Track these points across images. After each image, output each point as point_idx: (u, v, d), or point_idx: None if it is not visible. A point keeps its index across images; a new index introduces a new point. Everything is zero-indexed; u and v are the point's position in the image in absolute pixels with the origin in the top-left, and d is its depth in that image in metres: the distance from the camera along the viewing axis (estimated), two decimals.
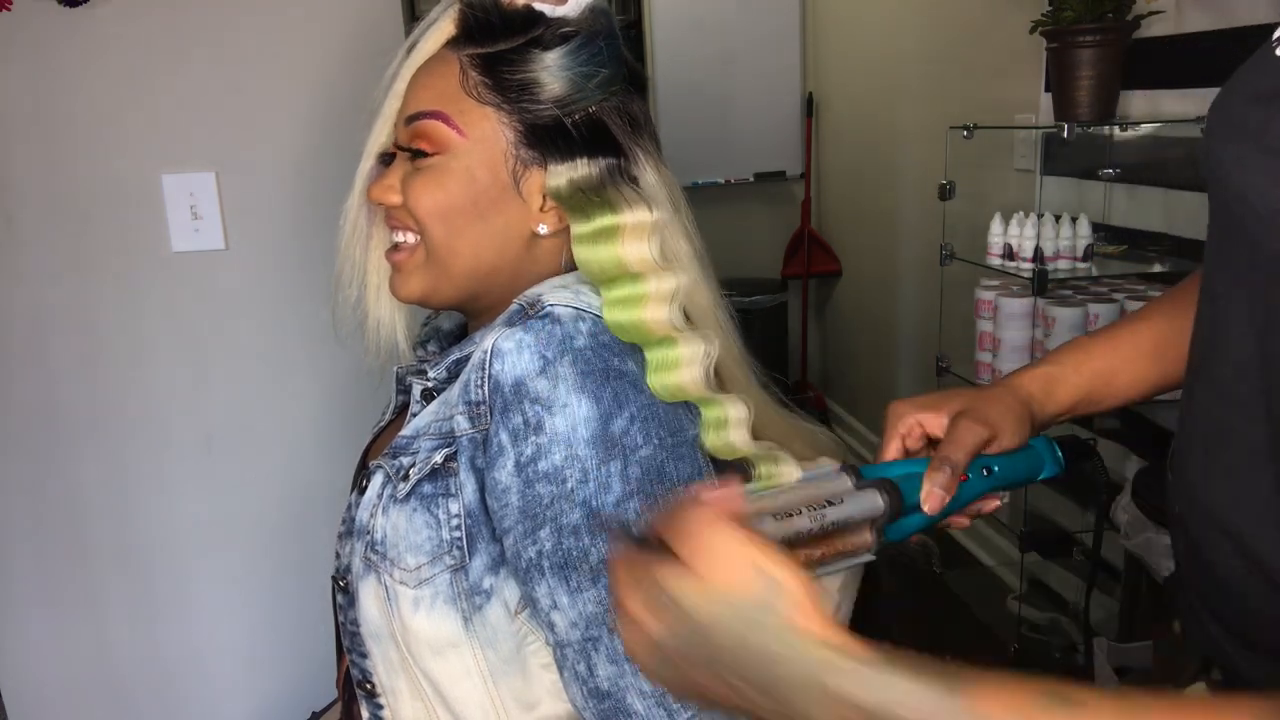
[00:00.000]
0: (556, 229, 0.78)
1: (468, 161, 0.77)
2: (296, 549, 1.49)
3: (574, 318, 0.72)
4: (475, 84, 0.76)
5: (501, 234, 0.78)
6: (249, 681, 1.53)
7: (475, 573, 0.74)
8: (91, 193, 1.32)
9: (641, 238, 0.77)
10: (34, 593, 1.42)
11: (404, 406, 0.89)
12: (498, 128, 0.76)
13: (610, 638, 0.69)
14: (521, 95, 0.76)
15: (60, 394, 1.37)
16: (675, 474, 0.71)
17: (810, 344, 3.76)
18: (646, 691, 0.68)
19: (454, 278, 0.79)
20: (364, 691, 0.84)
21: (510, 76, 0.76)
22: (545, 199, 0.77)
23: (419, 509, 0.75)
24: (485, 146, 0.77)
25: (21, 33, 1.25)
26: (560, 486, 0.68)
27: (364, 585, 0.78)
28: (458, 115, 0.76)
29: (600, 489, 0.68)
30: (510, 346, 0.70)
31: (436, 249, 0.78)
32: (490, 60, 0.76)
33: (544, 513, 0.69)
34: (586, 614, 0.69)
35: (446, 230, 0.77)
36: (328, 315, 0.88)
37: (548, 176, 0.77)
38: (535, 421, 0.69)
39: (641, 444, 0.70)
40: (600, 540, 0.68)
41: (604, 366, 0.70)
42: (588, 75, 0.76)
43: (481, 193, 0.77)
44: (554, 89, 0.76)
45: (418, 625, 0.75)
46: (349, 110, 1.38)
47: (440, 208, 0.77)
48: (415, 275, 0.80)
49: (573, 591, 0.69)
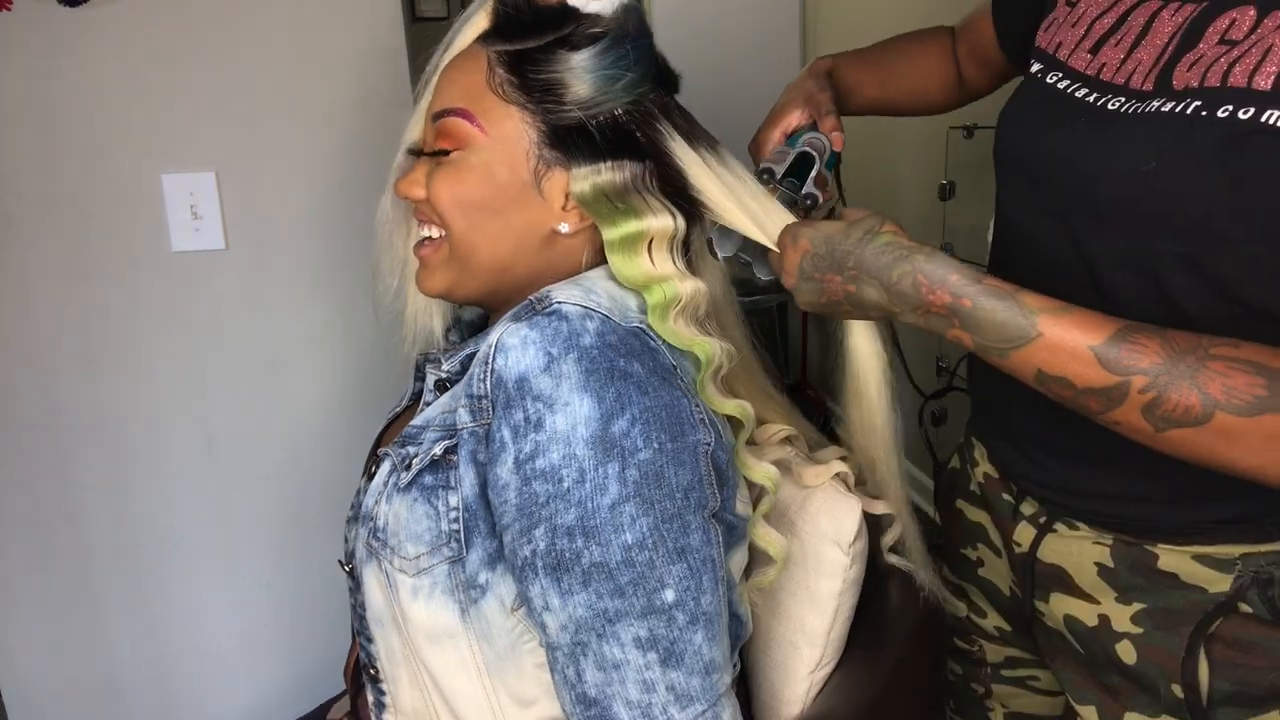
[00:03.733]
0: (578, 228, 0.79)
1: (488, 158, 0.77)
2: (296, 549, 1.49)
3: (582, 316, 0.72)
4: (501, 81, 0.76)
5: (521, 231, 0.78)
6: (249, 681, 1.53)
7: (471, 566, 0.73)
8: (91, 193, 1.32)
9: (664, 245, 0.77)
10: (34, 593, 1.42)
11: (420, 394, 0.89)
12: (520, 127, 0.76)
13: (599, 643, 0.68)
14: (546, 96, 0.76)
15: (60, 394, 1.37)
16: (674, 479, 0.70)
17: (810, 344, 3.76)
18: (633, 700, 0.68)
19: (475, 272, 0.79)
20: (369, 676, 0.85)
21: (536, 76, 0.76)
22: (568, 199, 0.78)
23: (419, 499, 0.75)
24: (507, 145, 0.77)
25: (21, 33, 1.25)
26: (556, 485, 0.68)
27: (367, 571, 0.79)
28: (481, 113, 0.76)
29: (596, 490, 0.68)
30: (515, 342, 0.70)
31: (458, 243, 0.79)
32: (517, 58, 0.76)
33: (539, 511, 0.68)
34: (576, 618, 0.68)
35: (467, 224, 0.78)
36: (333, 318, 0.88)
37: (571, 180, 0.77)
38: (536, 419, 0.68)
39: (641, 447, 0.69)
40: (594, 543, 0.68)
41: (609, 366, 0.70)
42: (613, 78, 0.76)
43: (500, 189, 0.77)
44: (578, 91, 0.75)
45: (416, 613, 0.75)
46: (350, 110, 1.38)
47: (459, 201, 0.77)
48: (439, 270, 0.81)
49: (564, 594, 0.68)
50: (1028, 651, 1.00)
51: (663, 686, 0.68)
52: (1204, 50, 0.73)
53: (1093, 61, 0.81)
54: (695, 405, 0.73)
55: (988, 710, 1.07)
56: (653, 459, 0.69)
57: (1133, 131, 0.74)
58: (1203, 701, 0.79)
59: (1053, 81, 0.84)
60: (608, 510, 0.68)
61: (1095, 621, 0.86)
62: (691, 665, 0.69)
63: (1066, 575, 0.88)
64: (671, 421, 0.71)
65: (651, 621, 0.68)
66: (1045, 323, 0.65)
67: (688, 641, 0.69)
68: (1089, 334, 0.64)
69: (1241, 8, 0.72)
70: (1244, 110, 0.68)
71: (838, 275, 0.72)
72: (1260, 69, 0.68)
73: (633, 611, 0.68)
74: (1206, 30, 0.74)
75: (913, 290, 0.69)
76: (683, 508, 0.70)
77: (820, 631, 0.87)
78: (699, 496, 0.71)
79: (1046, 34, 0.88)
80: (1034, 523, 0.90)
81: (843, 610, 0.88)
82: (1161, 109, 0.73)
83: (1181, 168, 0.71)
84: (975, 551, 1.01)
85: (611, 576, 0.68)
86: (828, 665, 0.89)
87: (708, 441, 0.73)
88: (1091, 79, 0.81)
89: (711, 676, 0.70)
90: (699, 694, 0.69)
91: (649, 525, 0.68)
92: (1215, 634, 0.79)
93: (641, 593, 0.68)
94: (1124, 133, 0.75)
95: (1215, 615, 0.79)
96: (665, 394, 0.71)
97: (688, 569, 0.69)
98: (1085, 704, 0.88)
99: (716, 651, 0.71)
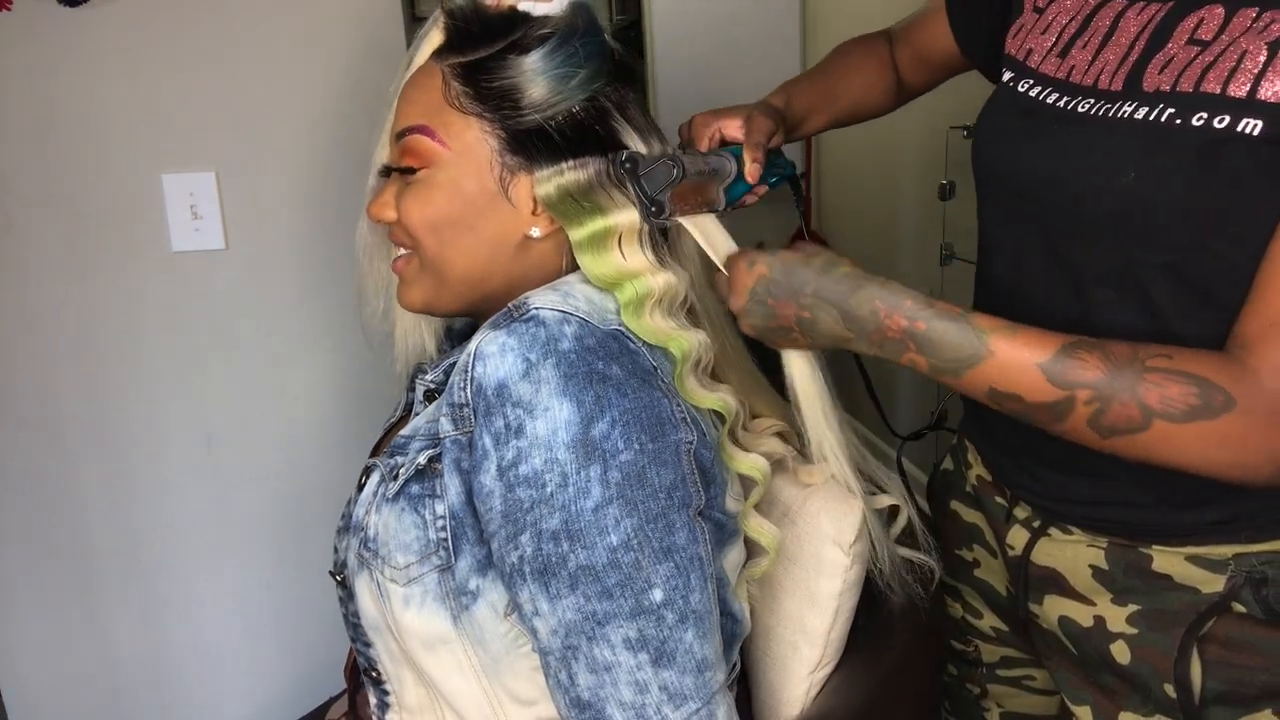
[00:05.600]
0: (549, 231, 0.78)
1: (454, 173, 0.77)
2: (296, 549, 1.49)
3: (559, 320, 0.71)
4: (457, 94, 0.76)
5: (493, 241, 0.78)
6: (249, 681, 1.53)
7: (461, 574, 0.74)
8: (91, 193, 1.32)
9: (634, 239, 0.77)
10: (34, 593, 1.42)
11: (412, 405, 0.90)
12: (481, 136, 0.76)
13: (590, 646, 0.68)
14: (502, 103, 0.75)
15: (60, 394, 1.37)
16: (657, 479, 0.70)
17: None
18: (626, 702, 0.68)
19: (452, 286, 0.80)
20: (370, 679, 0.85)
21: (489, 85, 0.76)
22: (536, 203, 0.77)
23: (407, 509, 0.75)
24: (470, 157, 0.76)
25: (21, 33, 1.25)
26: (540, 491, 0.68)
27: (359, 581, 0.79)
28: (441, 127, 0.76)
29: (579, 494, 0.67)
30: (493, 349, 0.69)
31: (432, 261, 0.79)
32: (469, 69, 0.76)
33: (524, 517, 0.68)
34: (566, 621, 0.68)
35: (438, 242, 0.78)
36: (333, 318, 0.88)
37: (535, 183, 0.76)
38: (517, 425, 0.68)
39: (622, 448, 0.68)
40: (579, 546, 0.68)
41: (587, 370, 0.69)
42: (566, 76, 0.75)
43: (469, 203, 0.77)
44: (532, 94, 0.75)
45: (409, 621, 0.75)
46: (350, 110, 1.38)
47: (430, 221, 0.77)
48: (415, 285, 0.81)
49: (552, 598, 0.68)
50: (1023, 651, 1.00)
51: (655, 687, 0.68)
52: (1173, 51, 0.73)
53: (1062, 65, 0.82)
54: (676, 405, 0.73)
55: (983, 710, 1.07)
56: (634, 460, 0.69)
57: (1108, 141, 0.75)
58: (1195, 700, 0.80)
59: (1024, 90, 0.85)
60: (591, 513, 0.67)
61: (1090, 623, 0.86)
62: (684, 664, 0.69)
63: (1061, 577, 0.88)
64: (652, 422, 0.71)
65: (641, 622, 0.68)
66: (996, 341, 0.68)
67: (678, 640, 0.69)
68: (1036, 351, 0.68)
69: (1209, 7, 0.72)
70: (1219, 119, 0.69)
71: (793, 302, 0.75)
72: (1235, 76, 0.69)
73: (621, 613, 0.68)
74: (1175, 30, 0.74)
75: (870, 316, 0.72)
76: (667, 507, 0.70)
77: (820, 632, 0.87)
78: (683, 495, 0.71)
79: (1015, 40, 0.89)
80: (1027, 526, 0.91)
81: (843, 611, 0.88)
82: (1134, 115, 0.73)
83: (1159, 178, 0.72)
84: (971, 552, 1.01)
85: (598, 579, 0.68)
86: (827, 666, 0.89)
87: (690, 440, 0.73)
88: (1061, 82, 0.81)
89: (705, 675, 0.70)
90: (692, 693, 0.69)
91: (633, 526, 0.68)
92: (1209, 634, 0.80)
93: (629, 594, 0.68)
94: (1099, 142, 0.76)
95: (1209, 615, 0.79)
96: (645, 395, 0.71)
97: (674, 568, 0.69)
98: (1080, 704, 0.89)
99: (709, 650, 0.71)
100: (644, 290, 0.76)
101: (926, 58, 1.08)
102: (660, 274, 0.77)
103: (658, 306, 0.76)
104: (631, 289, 0.76)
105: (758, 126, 0.90)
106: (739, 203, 0.89)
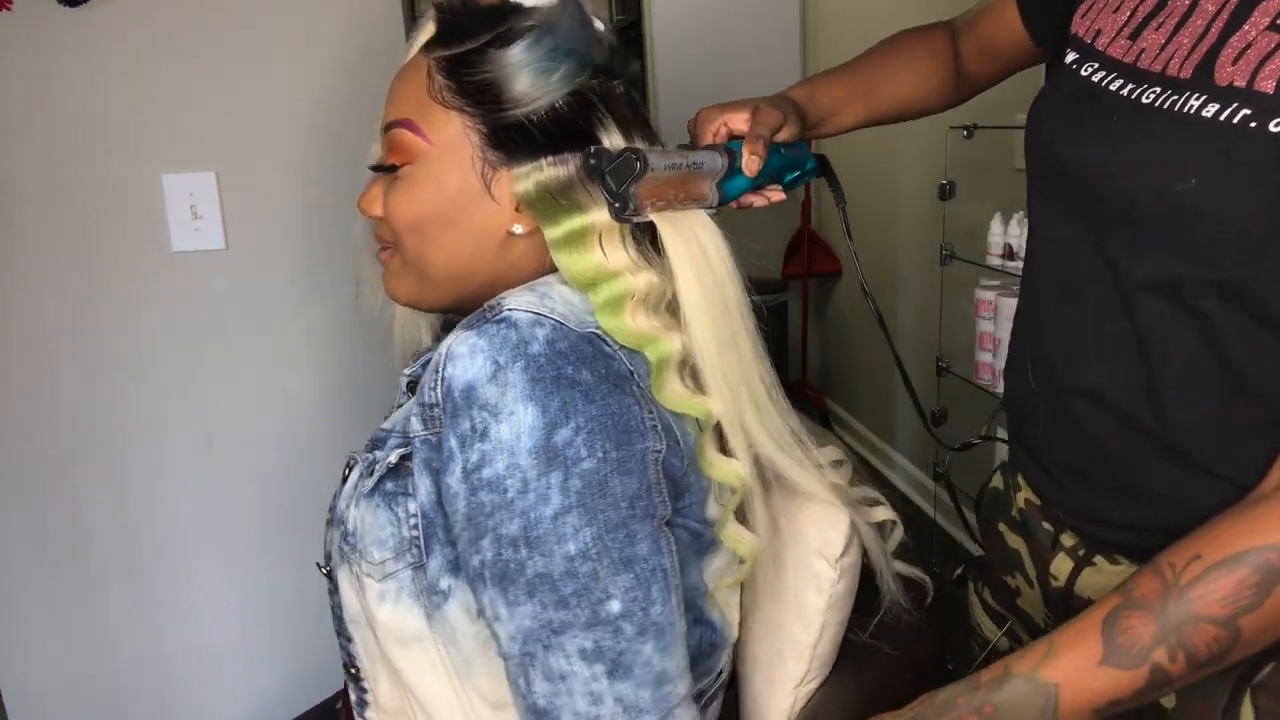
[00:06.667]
0: (532, 228, 0.77)
1: (436, 169, 0.76)
2: (296, 548, 1.49)
3: (532, 323, 0.69)
4: (440, 88, 0.75)
5: (476, 238, 0.77)
6: (249, 680, 1.53)
7: (432, 572, 0.73)
8: (91, 193, 1.32)
9: (614, 237, 0.75)
10: (34, 593, 1.42)
11: None
12: (463, 131, 0.75)
13: (545, 655, 0.67)
14: (484, 97, 0.74)
15: (60, 394, 1.37)
16: (620, 489, 0.68)
17: (810, 344, 3.76)
18: (580, 712, 0.67)
19: (435, 283, 0.79)
20: (350, 675, 0.85)
21: (470, 79, 0.75)
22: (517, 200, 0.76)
23: (382, 505, 0.75)
24: (452, 152, 0.75)
25: (21, 33, 1.25)
26: (501, 495, 0.67)
27: (340, 573, 0.79)
28: (424, 121, 0.75)
29: (539, 500, 0.67)
30: (464, 350, 0.68)
31: (415, 258, 0.78)
32: (452, 63, 0.75)
33: (485, 521, 0.68)
34: (523, 629, 0.68)
35: (420, 239, 0.77)
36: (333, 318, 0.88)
37: (514, 180, 0.75)
38: (482, 428, 0.67)
39: (585, 456, 0.67)
40: (537, 553, 0.67)
41: (555, 374, 0.68)
42: (548, 70, 0.74)
43: (451, 199, 0.76)
44: (514, 88, 0.74)
45: (384, 617, 0.75)
46: (349, 110, 1.38)
47: (413, 218, 0.77)
48: (399, 279, 0.81)
49: (510, 604, 0.68)
50: None
51: (610, 698, 0.67)
52: (1251, 35, 0.65)
53: (1131, 48, 0.74)
54: (648, 411, 0.71)
55: None
56: (596, 468, 0.67)
57: (1171, 139, 0.68)
58: None
59: (1086, 74, 0.77)
60: (550, 520, 0.67)
61: None
62: (641, 677, 0.68)
63: None
64: (618, 429, 0.69)
65: (597, 633, 0.67)
66: (1048, 672, 0.64)
67: (636, 653, 0.68)
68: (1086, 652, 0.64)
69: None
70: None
71: None
72: None
73: (577, 623, 0.67)
74: (1254, 10, 0.65)
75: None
76: (628, 517, 0.68)
77: (806, 645, 0.85)
78: (646, 505, 0.69)
79: (1084, 20, 0.81)
80: (1073, 555, 0.85)
81: (829, 626, 0.85)
82: (1202, 111, 0.66)
83: (1225, 187, 0.65)
84: (1014, 580, 0.95)
85: (555, 588, 0.67)
86: (813, 681, 0.86)
87: (658, 449, 0.71)
88: (1128, 67, 0.74)
89: (664, 688, 0.69)
90: (649, 706, 0.68)
91: (592, 535, 0.67)
92: (1262, 682, 0.72)
93: (586, 604, 0.67)
94: (1161, 139, 0.69)
95: (1263, 662, 0.72)
96: (614, 401, 0.69)
97: (635, 579, 0.68)
98: None
99: (670, 662, 0.69)
100: (623, 290, 0.73)
101: (993, 48, 0.99)
102: (642, 273, 0.75)
103: (640, 306, 0.74)
104: (608, 290, 0.73)
105: (762, 119, 0.84)
106: (742, 201, 0.85)
